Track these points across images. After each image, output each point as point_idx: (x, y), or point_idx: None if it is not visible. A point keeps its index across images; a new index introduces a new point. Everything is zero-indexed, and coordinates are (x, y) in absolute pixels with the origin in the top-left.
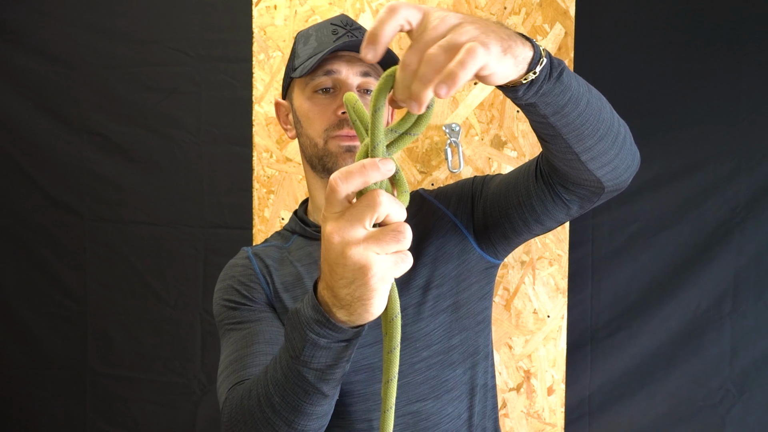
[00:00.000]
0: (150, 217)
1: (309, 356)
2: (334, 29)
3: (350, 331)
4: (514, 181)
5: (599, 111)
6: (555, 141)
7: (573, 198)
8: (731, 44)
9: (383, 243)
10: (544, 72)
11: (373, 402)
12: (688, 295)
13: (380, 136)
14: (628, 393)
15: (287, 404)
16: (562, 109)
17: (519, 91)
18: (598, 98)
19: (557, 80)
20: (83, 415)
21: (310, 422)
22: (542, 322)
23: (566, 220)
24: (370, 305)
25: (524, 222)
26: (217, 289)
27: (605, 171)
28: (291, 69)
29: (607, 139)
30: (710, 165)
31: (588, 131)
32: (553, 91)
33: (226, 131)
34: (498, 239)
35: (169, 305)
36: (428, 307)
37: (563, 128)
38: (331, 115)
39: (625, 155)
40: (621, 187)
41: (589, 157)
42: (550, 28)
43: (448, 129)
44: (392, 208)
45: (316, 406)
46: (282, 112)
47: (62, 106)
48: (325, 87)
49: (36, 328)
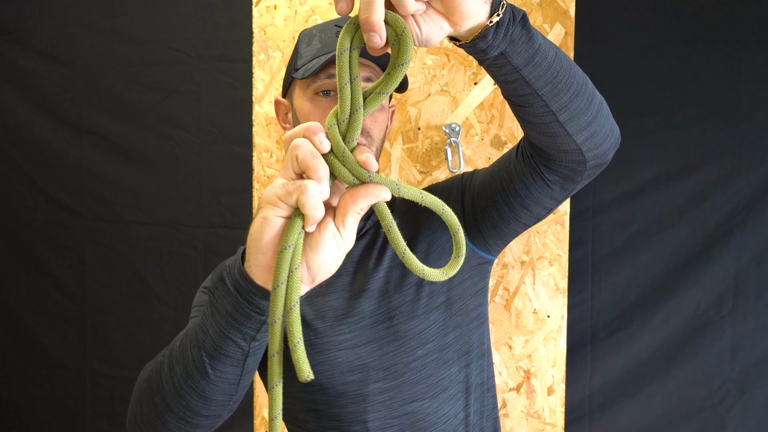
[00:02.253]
0: (150, 217)
1: (212, 286)
2: (338, 31)
3: (246, 278)
4: (498, 168)
5: (569, 65)
6: (531, 101)
7: (555, 179)
8: (731, 44)
9: (284, 187)
10: (507, 14)
11: (368, 403)
12: (688, 295)
13: (345, 78)
14: (628, 393)
15: (181, 350)
16: (532, 59)
17: (488, 35)
18: (564, 54)
19: (523, 26)
20: (83, 415)
21: (186, 386)
22: (542, 322)
23: (553, 206)
24: (254, 241)
25: (510, 207)
26: (202, 286)
27: (584, 136)
28: (293, 69)
29: (583, 97)
30: (710, 165)
31: (561, 84)
32: (521, 38)
33: (226, 131)
34: (488, 231)
35: (169, 305)
36: (422, 304)
37: (536, 81)
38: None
39: (603, 121)
40: (602, 161)
41: (567, 117)
42: (550, 28)
43: (448, 129)
44: (305, 154)
45: (197, 370)
46: (281, 110)
47: (62, 106)
48: (327, 90)
49: (36, 328)
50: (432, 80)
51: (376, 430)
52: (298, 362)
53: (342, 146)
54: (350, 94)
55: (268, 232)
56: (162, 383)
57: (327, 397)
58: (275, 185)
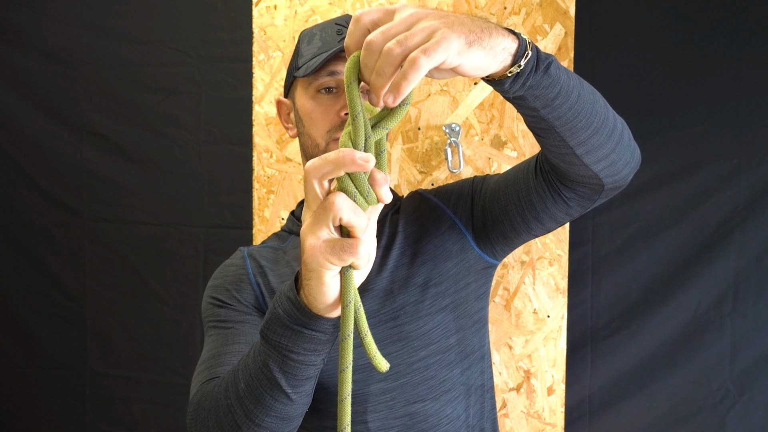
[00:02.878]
0: (150, 217)
1: (269, 328)
2: (338, 29)
3: (308, 312)
4: (514, 178)
5: (592, 104)
6: (548, 135)
7: (573, 196)
8: (731, 44)
9: (335, 250)
10: (529, 65)
11: (369, 403)
12: (688, 295)
13: (358, 107)
14: (628, 393)
15: (250, 391)
16: (552, 102)
17: (505, 84)
18: (590, 92)
19: (545, 73)
20: (83, 415)
21: (267, 418)
22: (542, 322)
23: (566, 221)
24: (312, 288)
25: (523, 219)
26: (208, 287)
27: (602, 166)
28: (294, 68)
29: (602, 133)
30: (710, 165)
31: (581, 124)
32: (541, 84)
33: (226, 131)
34: (497, 238)
35: (169, 305)
36: (427, 306)
37: (555, 121)
38: (334, 115)
39: (623, 151)
40: (621, 185)
41: (584, 151)
42: (550, 28)
43: (448, 129)
44: (349, 215)
45: (276, 401)
46: (283, 110)
47: (62, 106)
48: (329, 87)
49: (36, 328)
50: (432, 80)
51: (377, 430)
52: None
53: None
54: (363, 124)
55: (330, 292)
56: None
57: (328, 396)
58: (318, 244)
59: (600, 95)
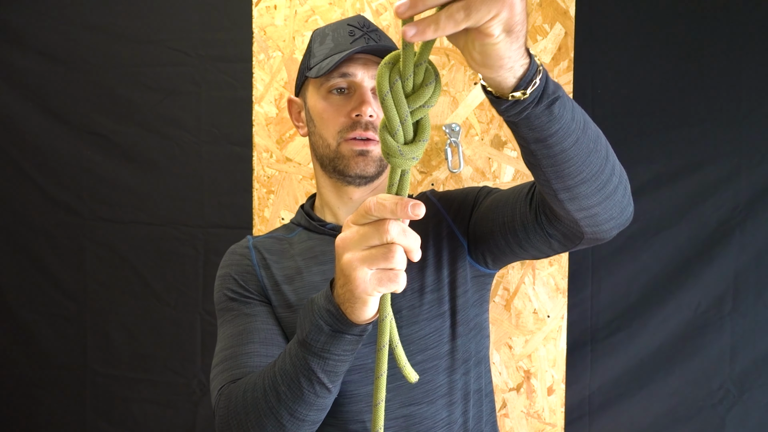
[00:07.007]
0: (150, 217)
1: (313, 338)
2: (351, 30)
3: (350, 323)
4: (505, 200)
5: (588, 153)
6: (533, 169)
7: (555, 233)
8: (731, 44)
9: (372, 259)
10: (533, 95)
11: (365, 403)
12: (688, 295)
13: (405, 110)
14: (628, 393)
15: (292, 393)
16: (544, 140)
17: (502, 105)
18: (593, 140)
19: (547, 109)
20: (83, 415)
21: (310, 413)
22: (542, 322)
23: (549, 254)
24: (355, 308)
25: (507, 243)
26: (218, 275)
27: (583, 215)
28: (306, 68)
29: (590, 185)
30: (710, 165)
31: (569, 171)
32: (539, 119)
33: (226, 131)
34: (486, 253)
35: (169, 305)
36: (424, 311)
37: (543, 159)
38: (345, 116)
39: (610, 207)
40: (603, 238)
41: (567, 197)
42: (550, 28)
43: (448, 129)
44: (400, 238)
45: (318, 396)
46: (294, 109)
47: (62, 106)
48: (340, 87)
49: (36, 328)
50: None
51: None
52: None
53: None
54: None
55: (370, 310)
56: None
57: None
58: (368, 278)
59: (605, 144)
